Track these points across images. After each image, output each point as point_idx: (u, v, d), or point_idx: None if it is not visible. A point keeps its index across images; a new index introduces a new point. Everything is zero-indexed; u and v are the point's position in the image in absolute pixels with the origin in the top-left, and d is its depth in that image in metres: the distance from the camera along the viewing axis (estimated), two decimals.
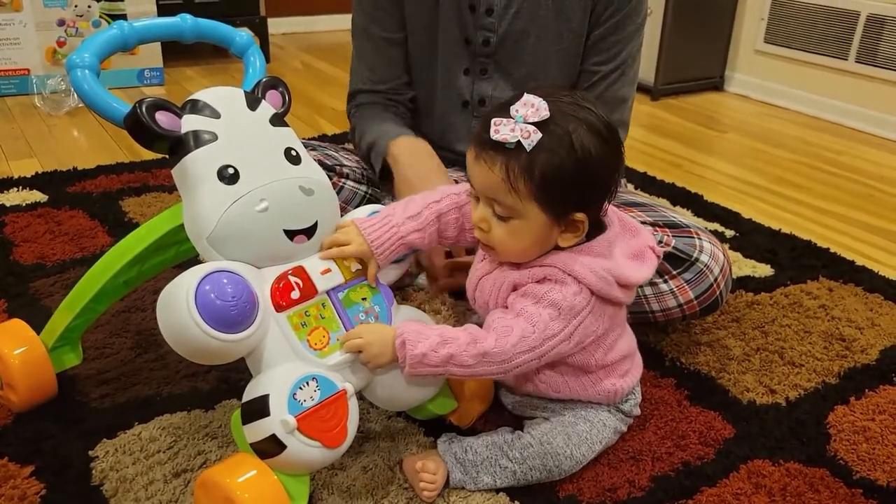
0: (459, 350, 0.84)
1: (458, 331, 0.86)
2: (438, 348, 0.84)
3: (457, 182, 1.36)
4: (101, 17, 2.58)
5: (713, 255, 1.15)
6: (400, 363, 0.86)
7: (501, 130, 0.80)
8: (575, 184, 0.82)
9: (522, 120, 0.80)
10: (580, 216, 0.85)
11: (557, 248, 0.88)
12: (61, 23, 2.54)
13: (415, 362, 0.84)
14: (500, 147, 0.81)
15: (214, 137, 0.85)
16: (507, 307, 0.89)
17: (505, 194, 0.83)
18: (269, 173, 0.86)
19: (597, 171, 0.83)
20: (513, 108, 0.81)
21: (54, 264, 1.43)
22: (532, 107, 0.80)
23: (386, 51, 1.30)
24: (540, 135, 0.80)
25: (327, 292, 0.88)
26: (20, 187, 1.77)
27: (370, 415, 1.05)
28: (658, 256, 0.93)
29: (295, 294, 0.85)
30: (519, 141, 0.80)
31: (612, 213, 0.92)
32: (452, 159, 1.37)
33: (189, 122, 0.85)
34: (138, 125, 0.83)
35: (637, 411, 1.02)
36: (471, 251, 1.16)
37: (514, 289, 0.90)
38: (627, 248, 0.92)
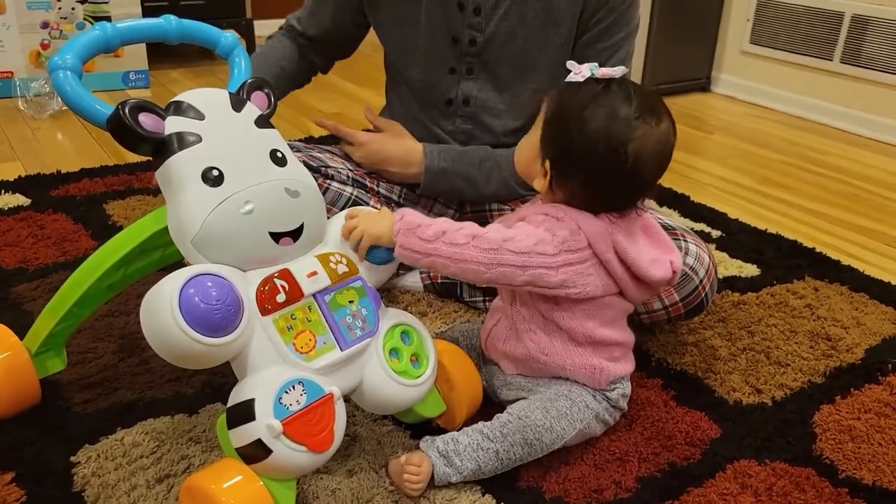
0: (452, 228, 0.89)
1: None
2: (433, 224, 0.89)
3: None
4: (85, 19, 2.56)
5: (698, 257, 1.15)
6: (394, 235, 0.90)
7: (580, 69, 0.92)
8: (560, 131, 0.90)
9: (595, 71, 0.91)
10: (547, 164, 0.91)
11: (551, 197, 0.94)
12: (45, 25, 2.52)
13: (407, 229, 0.89)
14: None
15: (199, 139, 0.84)
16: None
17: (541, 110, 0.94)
18: (255, 175, 0.85)
19: (579, 136, 0.88)
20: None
21: (37, 268, 1.42)
22: (614, 70, 0.90)
23: (335, 23, 1.39)
24: (589, 74, 0.89)
25: (314, 295, 0.88)
26: (2, 191, 1.75)
27: (356, 418, 1.05)
28: (674, 272, 0.97)
29: (281, 297, 0.85)
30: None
31: (648, 218, 0.97)
32: None
33: (173, 124, 0.84)
34: (121, 127, 0.82)
35: (624, 404, 1.02)
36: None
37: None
38: (649, 253, 0.95)
